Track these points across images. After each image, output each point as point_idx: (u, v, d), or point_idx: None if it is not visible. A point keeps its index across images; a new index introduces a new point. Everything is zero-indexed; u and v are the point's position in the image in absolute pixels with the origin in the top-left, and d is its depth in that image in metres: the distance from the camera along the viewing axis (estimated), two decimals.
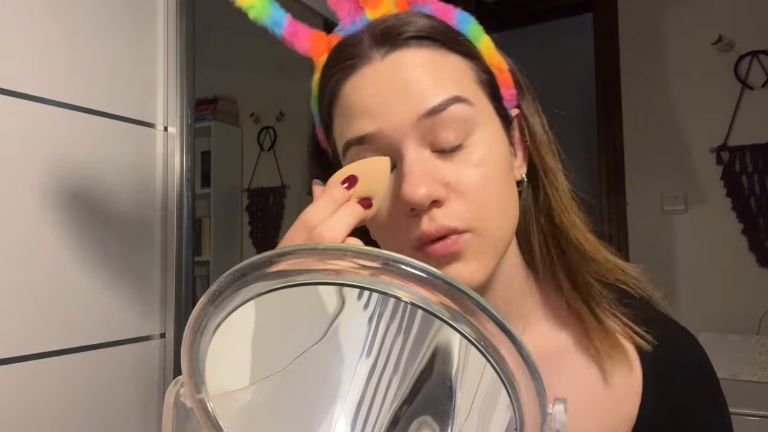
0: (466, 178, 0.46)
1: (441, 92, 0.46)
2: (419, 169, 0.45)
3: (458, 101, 0.46)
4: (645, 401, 0.52)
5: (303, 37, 0.52)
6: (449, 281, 0.30)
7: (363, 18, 0.50)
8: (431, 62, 0.47)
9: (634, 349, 0.53)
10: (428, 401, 0.33)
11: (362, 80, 0.47)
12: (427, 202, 0.45)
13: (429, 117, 0.46)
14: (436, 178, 0.46)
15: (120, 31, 1.09)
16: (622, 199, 2.42)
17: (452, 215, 0.46)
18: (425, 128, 0.46)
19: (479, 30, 0.52)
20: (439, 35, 0.48)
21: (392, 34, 0.47)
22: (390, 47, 0.47)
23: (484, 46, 0.52)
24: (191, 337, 0.34)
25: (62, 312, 0.96)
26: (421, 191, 0.44)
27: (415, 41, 0.47)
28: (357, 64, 0.48)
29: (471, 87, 0.49)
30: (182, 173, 1.15)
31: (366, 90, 0.47)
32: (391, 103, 0.46)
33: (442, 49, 0.48)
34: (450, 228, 0.45)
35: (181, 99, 1.16)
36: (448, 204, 0.46)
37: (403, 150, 0.46)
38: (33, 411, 0.91)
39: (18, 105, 0.92)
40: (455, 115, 0.46)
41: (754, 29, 2.20)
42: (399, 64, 0.47)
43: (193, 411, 0.37)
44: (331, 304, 0.33)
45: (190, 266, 1.16)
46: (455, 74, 0.48)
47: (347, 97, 0.48)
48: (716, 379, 0.55)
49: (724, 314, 2.18)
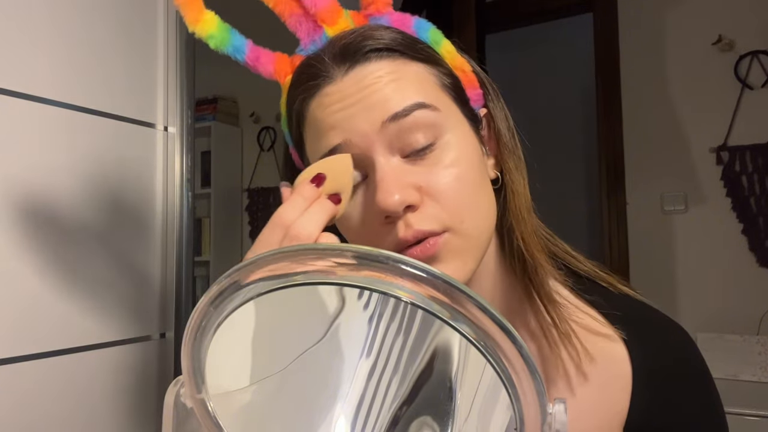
0: (439, 180, 0.47)
1: (404, 99, 0.47)
2: (391, 175, 0.46)
3: (422, 107, 0.47)
4: (635, 398, 0.52)
5: (266, 61, 0.54)
6: (449, 281, 0.30)
7: (323, 36, 0.51)
8: (392, 72, 0.48)
9: (624, 347, 0.53)
10: (428, 401, 0.33)
11: (327, 98, 0.48)
12: (400, 208, 0.45)
13: (393, 122, 0.46)
14: (408, 184, 0.46)
15: (120, 31, 1.09)
16: (622, 199, 2.42)
17: (427, 219, 0.46)
18: (392, 134, 0.46)
19: (439, 35, 0.53)
20: (398, 45, 0.49)
21: (351, 50, 0.48)
22: (351, 63, 0.48)
23: (446, 50, 0.52)
24: (191, 337, 0.34)
25: (62, 312, 0.96)
26: (394, 198, 0.45)
27: (374, 54, 0.48)
28: (320, 83, 0.49)
29: (434, 92, 0.49)
30: (182, 173, 1.15)
31: (331, 107, 0.48)
32: (356, 114, 0.47)
33: (402, 59, 0.49)
34: (426, 232, 0.46)
35: (181, 99, 1.16)
36: (422, 208, 0.47)
37: (372, 159, 0.47)
38: (33, 411, 0.91)
39: (18, 105, 0.92)
40: (420, 121, 0.47)
41: (754, 29, 2.20)
42: (361, 78, 0.47)
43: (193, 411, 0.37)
44: (331, 304, 0.33)
45: (190, 266, 1.16)
46: (417, 81, 0.49)
47: (314, 115, 0.49)
48: (708, 376, 0.55)
49: (724, 314, 2.18)
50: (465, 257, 0.48)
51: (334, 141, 0.47)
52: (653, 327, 0.55)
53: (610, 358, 0.53)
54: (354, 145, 0.47)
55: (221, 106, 3.15)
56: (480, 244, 0.50)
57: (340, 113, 0.47)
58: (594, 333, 0.54)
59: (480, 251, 0.50)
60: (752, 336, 2.11)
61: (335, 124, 0.47)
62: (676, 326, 0.56)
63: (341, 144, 0.47)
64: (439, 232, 0.46)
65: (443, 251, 0.46)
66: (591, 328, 0.54)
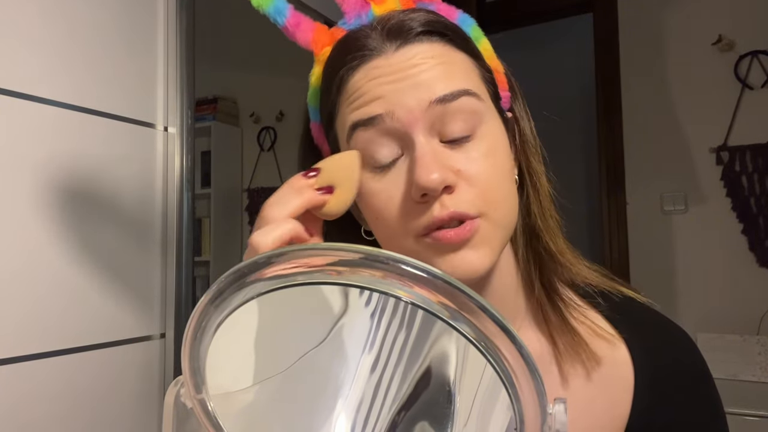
0: (476, 167, 0.47)
1: (452, 84, 0.47)
2: (431, 154, 0.46)
3: (468, 94, 0.47)
4: (637, 401, 0.52)
5: (305, 28, 0.52)
6: (449, 281, 0.30)
7: (369, 13, 0.51)
8: (442, 55, 0.48)
9: (626, 349, 0.54)
10: (428, 404, 0.33)
11: (375, 70, 0.48)
12: (440, 187, 0.45)
13: (440, 104, 0.46)
14: (445, 165, 0.46)
15: (120, 31, 1.09)
16: (622, 199, 2.42)
17: (463, 201, 0.46)
18: (435, 116, 0.46)
19: (479, 32, 0.53)
20: (449, 31, 0.49)
21: (403, 29, 0.48)
22: (402, 41, 0.48)
23: (484, 48, 0.53)
24: (191, 336, 0.34)
25: (62, 312, 0.96)
26: (434, 176, 0.45)
27: (426, 36, 0.48)
28: (369, 55, 0.48)
29: (478, 83, 0.50)
30: (182, 173, 1.15)
31: (380, 79, 0.47)
32: (405, 90, 0.46)
33: (450, 45, 0.49)
34: (462, 213, 0.46)
35: (181, 99, 1.16)
36: (458, 191, 0.47)
37: (413, 136, 0.46)
38: (33, 411, 0.91)
39: (18, 105, 0.92)
40: (465, 107, 0.47)
41: (754, 29, 2.20)
42: (411, 56, 0.47)
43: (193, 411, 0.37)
44: (334, 305, 0.33)
45: (190, 266, 1.16)
46: (464, 69, 0.49)
47: (358, 85, 0.48)
48: (709, 378, 0.55)
49: (724, 314, 2.18)
50: (494, 245, 0.48)
51: (376, 110, 0.47)
52: (655, 329, 0.55)
53: (612, 360, 0.54)
54: (396, 118, 0.46)
55: (221, 106, 3.15)
56: (507, 235, 0.50)
57: (389, 86, 0.47)
58: (596, 335, 0.54)
59: (505, 241, 0.50)
60: (752, 336, 2.11)
61: (382, 95, 0.47)
62: (677, 328, 0.56)
63: (383, 114, 0.47)
64: (474, 216, 0.46)
65: (476, 236, 0.47)
66: (594, 330, 0.54)
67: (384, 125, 0.47)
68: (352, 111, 0.48)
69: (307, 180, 0.46)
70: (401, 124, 0.46)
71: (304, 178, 0.46)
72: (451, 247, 0.46)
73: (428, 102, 0.46)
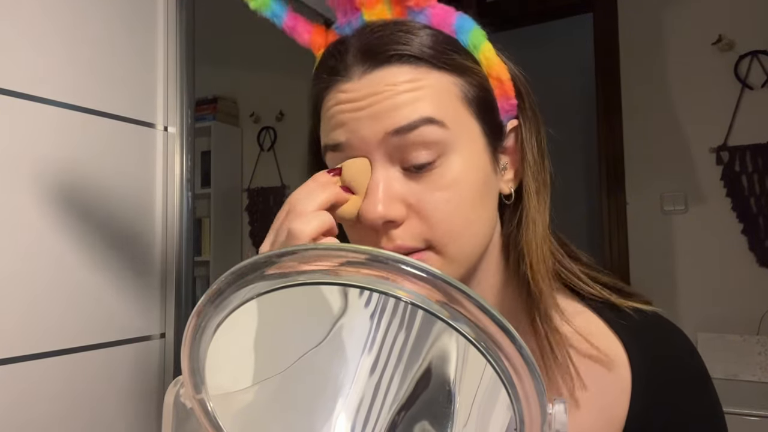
0: (429, 201, 0.47)
1: (413, 112, 0.46)
2: (380, 187, 0.46)
3: (430, 123, 0.46)
4: (634, 402, 0.52)
5: (302, 30, 0.53)
6: (449, 281, 0.30)
7: (359, 18, 0.50)
8: (410, 81, 0.47)
9: (623, 350, 0.53)
10: (428, 405, 0.33)
11: (340, 95, 0.48)
12: (380, 222, 0.46)
13: (397, 135, 0.46)
14: (397, 197, 0.46)
15: (120, 31, 1.09)
16: (622, 199, 2.42)
17: (409, 235, 0.47)
18: (393, 146, 0.46)
19: (480, 37, 0.51)
20: (424, 54, 0.48)
21: (373, 52, 0.48)
22: (370, 65, 0.47)
23: (484, 56, 0.51)
24: (191, 336, 0.34)
25: (62, 312, 0.96)
26: (377, 209, 0.45)
27: (395, 59, 0.47)
28: (337, 78, 0.49)
29: (451, 106, 0.48)
30: (182, 173, 1.15)
31: (343, 106, 0.48)
32: (362, 120, 0.47)
33: (424, 67, 0.47)
34: (407, 248, 0.46)
35: (181, 99, 1.16)
36: (407, 224, 0.47)
37: (372, 166, 0.47)
38: (33, 411, 0.91)
39: (18, 105, 0.92)
40: (425, 136, 0.46)
41: (754, 29, 2.20)
42: (376, 82, 0.47)
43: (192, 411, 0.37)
44: (334, 305, 0.33)
45: (190, 266, 1.16)
46: (435, 93, 0.47)
47: (328, 106, 0.50)
48: (708, 379, 0.55)
49: (724, 314, 2.18)
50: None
51: (339, 138, 0.48)
52: (652, 330, 0.55)
53: (609, 361, 0.53)
54: (354, 148, 0.47)
55: (221, 106, 3.15)
56: (463, 264, 0.49)
57: (350, 114, 0.47)
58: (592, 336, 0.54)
59: (463, 268, 0.50)
60: (752, 336, 2.11)
61: (342, 123, 0.48)
62: (675, 329, 0.56)
63: (344, 143, 0.48)
64: (421, 249, 0.47)
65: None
66: (589, 330, 0.54)
67: (346, 152, 0.48)
68: (324, 131, 0.51)
69: (332, 177, 0.48)
70: (359, 153, 0.47)
71: (328, 174, 0.48)
72: None
73: (383, 133, 0.46)
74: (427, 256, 0.47)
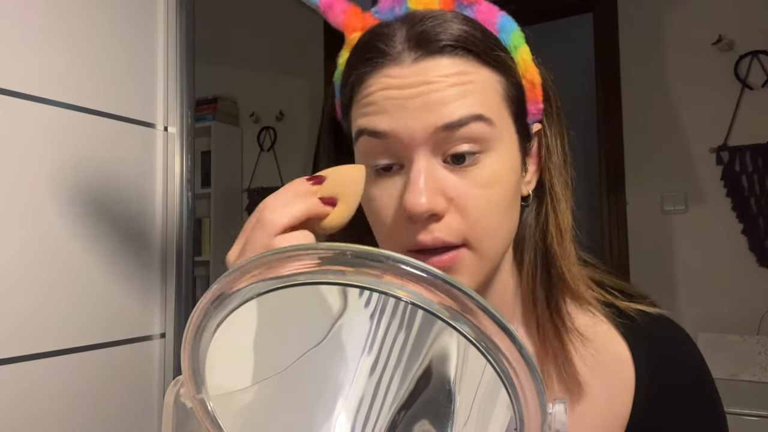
0: (470, 196, 0.46)
1: (463, 107, 0.45)
2: (424, 178, 0.45)
3: (479, 119, 0.46)
4: (637, 400, 0.52)
5: (338, 10, 0.52)
6: (449, 281, 0.30)
7: (403, 5, 0.49)
8: (460, 74, 0.46)
9: (627, 349, 0.54)
10: (427, 404, 0.33)
11: (388, 80, 0.46)
12: (425, 214, 0.45)
13: (446, 130, 0.45)
14: (439, 190, 0.46)
15: (120, 31, 1.09)
16: (622, 199, 2.42)
17: (448, 229, 0.46)
18: (440, 139, 0.45)
19: (520, 38, 0.51)
20: (474, 47, 0.47)
21: (426, 40, 0.46)
22: (422, 53, 0.46)
23: (521, 58, 0.51)
24: (191, 336, 0.34)
25: (62, 312, 0.96)
26: (421, 201, 0.44)
27: (448, 50, 0.46)
28: (386, 61, 0.47)
29: (496, 103, 0.48)
30: (182, 173, 1.15)
31: (390, 91, 0.46)
32: (411, 110, 0.45)
33: (474, 61, 0.47)
34: (444, 241, 0.46)
35: (181, 99, 1.16)
36: (446, 218, 0.46)
37: (413, 156, 0.46)
38: (33, 411, 0.91)
39: (18, 105, 0.92)
40: (473, 133, 0.46)
41: (754, 29, 2.20)
42: (427, 72, 0.46)
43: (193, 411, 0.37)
44: (333, 304, 0.33)
45: (190, 266, 1.16)
46: (482, 89, 0.47)
47: (370, 90, 0.47)
48: (710, 378, 0.55)
49: (724, 314, 2.18)
50: (475, 274, 0.48)
51: (382, 126, 0.46)
52: (656, 329, 0.55)
53: (613, 360, 0.53)
54: (399, 139, 0.46)
55: (221, 106, 3.15)
56: (493, 265, 0.49)
57: (397, 101, 0.46)
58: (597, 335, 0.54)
59: (493, 265, 0.50)
60: (752, 336, 2.11)
61: (388, 110, 0.46)
62: (678, 328, 0.56)
63: (388, 132, 0.46)
64: (458, 245, 0.46)
65: (457, 265, 0.46)
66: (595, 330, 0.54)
67: (387, 141, 0.46)
68: (361, 116, 0.48)
69: (311, 186, 0.43)
70: (403, 145, 0.46)
71: (307, 183, 0.43)
72: None
73: (434, 127, 0.45)
74: (462, 254, 0.46)
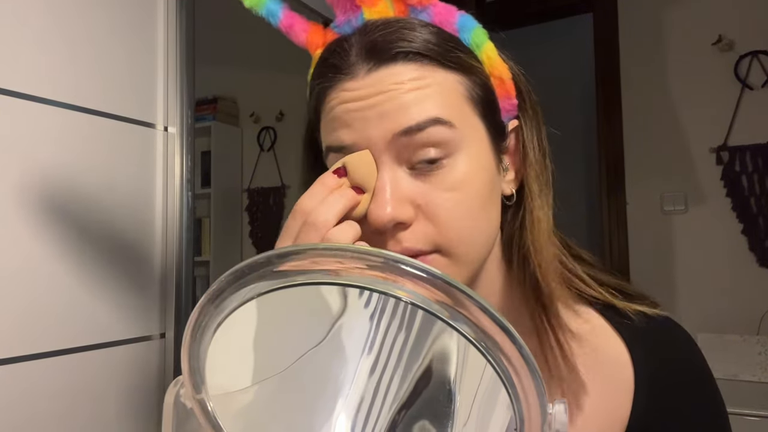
0: (437, 202, 0.46)
1: (421, 112, 0.45)
2: (388, 188, 0.45)
3: (438, 123, 0.45)
4: (637, 402, 0.52)
5: (299, 30, 0.52)
6: (449, 281, 0.30)
7: (359, 17, 0.49)
8: (416, 79, 0.46)
9: (626, 350, 0.53)
10: (428, 404, 0.33)
11: (344, 93, 0.47)
12: (390, 225, 0.45)
13: (405, 136, 0.45)
14: (406, 198, 0.45)
15: (120, 31, 1.09)
16: (622, 199, 2.42)
17: (417, 237, 0.46)
18: (401, 146, 0.45)
19: (482, 36, 0.50)
20: (429, 51, 0.47)
21: (378, 50, 0.46)
22: (375, 63, 0.46)
23: (486, 55, 0.50)
24: (191, 336, 0.34)
25: (62, 312, 0.96)
26: (386, 211, 0.44)
27: (401, 57, 0.46)
28: (342, 76, 0.47)
29: (458, 105, 0.47)
30: (182, 173, 1.15)
31: (348, 105, 0.47)
32: (370, 119, 0.45)
33: (429, 65, 0.47)
34: (414, 250, 0.45)
35: (181, 99, 1.16)
36: (415, 225, 0.46)
37: (378, 166, 0.46)
38: (33, 411, 0.91)
39: (18, 105, 0.92)
40: (433, 137, 0.45)
41: (754, 29, 2.20)
42: (381, 81, 0.46)
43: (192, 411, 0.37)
44: (332, 304, 0.33)
45: (190, 266, 1.16)
46: (441, 92, 0.47)
47: (331, 105, 0.48)
48: (711, 378, 0.55)
49: (724, 314, 2.18)
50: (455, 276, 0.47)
51: (344, 139, 0.47)
52: (655, 330, 0.55)
53: (612, 362, 0.53)
54: (362, 148, 0.46)
55: (221, 106, 3.15)
56: (472, 268, 0.49)
57: (354, 113, 0.46)
58: (595, 336, 0.54)
59: (470, 270, 0.49)
60: (752, 336, 2.11)
61: (348, 124, 0.46)
62: (678, 328, 0.56)
63: (350, 146, 0.46)
64: (428, 252, 0.46)
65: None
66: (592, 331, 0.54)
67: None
68: (326, 131, 0.49)
69: (339, 179, 0.45)
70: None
71: (336, 177, 0.45)
72: None
73: (392, 134, 0.45)
74: (434, 260, 0.46)
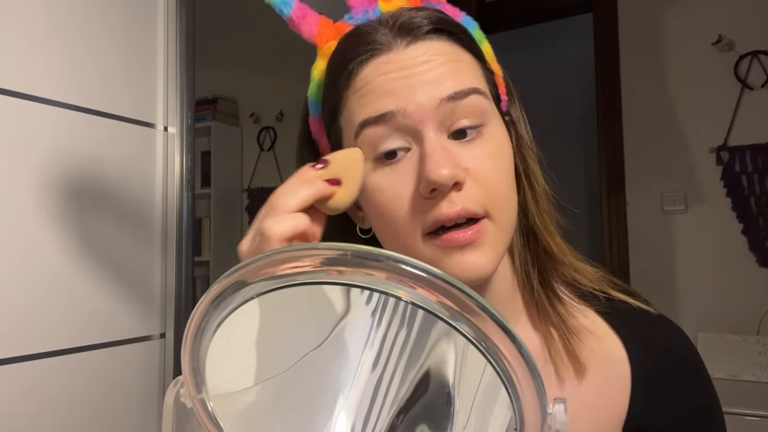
0: (483, 166, 0.47)
1: (461, 82, 0.47)
2: (441, 151, 0.46)
3: (477, 92, 0.48)
4: (634, 398, 0.53)
5: (311, 21, 0.52)
6: (449, 280, 0.30)
7: (376, 9, 0.51)
8: (451, 54, 0.49)
9: (622, 347, 0.54)
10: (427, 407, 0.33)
11: (386, 65, 0.48)
12: (450, 182, 0.45)
13: (450, 102, 0.46)
14: (455, 162, 0.46)
15: (120, 31, 1.09)
16: (622, 199, 2.42)
17: (470, 199, 0.46)
18: (445, 113, 0.47)
19: (482, 35, 0.54)
20: (456, 30, 0.50)
21: (413, 26, 0.48)
22: (412, 38, 0.48)
23: (486, 52, 0.54)
24: (191, 336, 0.34)
25: (62, 312, 0.96)
26: (444, 171, 0.45)
27: (435, 34, 0.49)
28: (380, 49, 0.48)
29: (484, 84, 0.50)
30: (182, 173, 1.15)
31: (390, 75, 0.47)
32: (416, 86, 0.47)
33: (458, 45, 0.50)
34: (470, 211, 0.46)
35: (181, 99, 1.16)
36: (465, 188, 0.47)
37: (422, 132, 0.46)
38: (33, 411, 0.91)
39: (18, 105, 0.92)
40: (473, 105, 0.47)
41: (754, 29, 2.20)
42: (422, 53, 0.48)
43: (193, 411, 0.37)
44: (336, 304, 0.33)
45: (190, 266, 1.16)
46: (472, 69, 0.50)
47: (368, 79, 0.48)
48: (706, 375, 0.55)
49: (724, 314, 2.18)
50: (498, 248, 0.48)
51: (388, 106, 0.47)
52: (650, 326, 0.56)
53: (608, 358, 0.54)
54: (407, 115, 0.46)
55: (221, 106, 3.15)
56: (509, 238, 0.50)
57: (401, 81, 0.47)
58: (592, 333, 0.54)
59: (508, 241, 0.50)
60: (752, 336, 2.11)
61: (393, 91, 0.47)
62: (674, 326, 0.57)
63: (395, 111, 0.46)
64: (481, 216, 0.47)
65: (482, 238, 0.47)
66: (589, 328, 0.54)
67: (395, 121, 0.47)
68: (361, 106, 0.48)
69: (316, 171, 0.47)
70: (412, 120, 0.46)
71: (312, 169, 0.47)
72: (458, 248, 0.46)
73: (439, 99, 0.46)
74: (485, 226, 0.47)
